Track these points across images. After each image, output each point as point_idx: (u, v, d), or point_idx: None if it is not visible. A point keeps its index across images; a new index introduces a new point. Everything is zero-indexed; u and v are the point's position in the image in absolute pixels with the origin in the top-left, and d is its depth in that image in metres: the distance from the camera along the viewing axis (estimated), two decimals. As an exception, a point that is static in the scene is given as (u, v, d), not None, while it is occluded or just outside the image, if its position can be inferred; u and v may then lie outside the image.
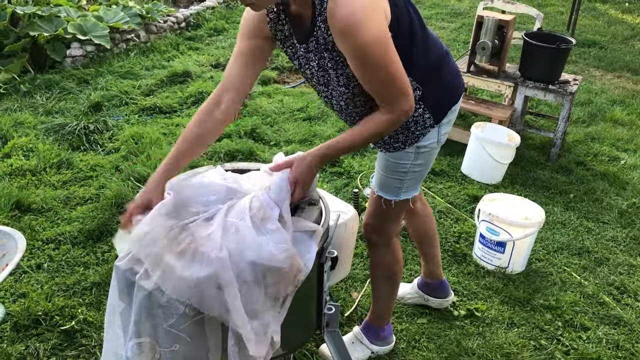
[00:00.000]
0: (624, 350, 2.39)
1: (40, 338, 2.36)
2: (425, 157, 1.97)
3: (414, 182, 2.02)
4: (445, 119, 1.94)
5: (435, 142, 1.96)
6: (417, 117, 1.86)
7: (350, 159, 3.86)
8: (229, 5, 7.78)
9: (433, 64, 1.85)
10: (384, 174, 2.02)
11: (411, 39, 1.73)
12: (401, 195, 2.02)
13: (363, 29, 1.50)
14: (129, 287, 1.54)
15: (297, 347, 1.96)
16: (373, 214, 2.11)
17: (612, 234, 3.23)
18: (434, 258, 2.52)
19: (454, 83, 1.95)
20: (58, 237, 2.97)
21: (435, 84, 1.86)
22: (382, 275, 2.22)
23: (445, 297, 2.58)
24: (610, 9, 8.61)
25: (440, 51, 1.89)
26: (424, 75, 1.81)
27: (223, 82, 1.80)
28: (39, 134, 4.00)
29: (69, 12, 5.48)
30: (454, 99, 1.95)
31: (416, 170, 1.99)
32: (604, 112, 4.86)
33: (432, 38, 1.87)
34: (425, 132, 1.91)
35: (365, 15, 1.50)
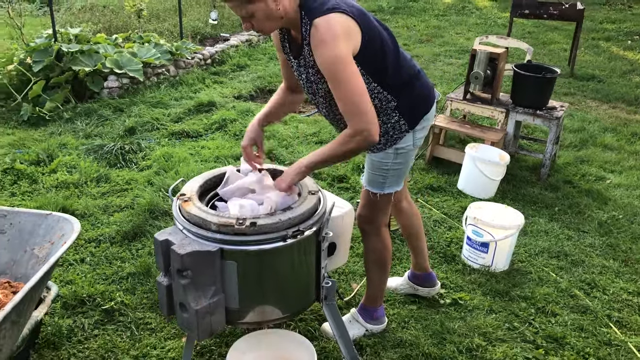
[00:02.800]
0: (586, 332, 2.73)
1: (85, 315, 2.79)
2: (403, 157, 2.38)
3: (395, 178, 2.42)
4: (419, 126, 2.35)
5: (411, 144, 2.37)
6: (394, 123, 2.30)
7: (356, 175, 4.29)
8: (251, 44, 8.38)
9: (405, 79, 2.29)
10: (370, 171, 2.44)
11: (383, 58, 2.17)
12: (385, 189, 2.43)
13: (328, 48, 1.96)
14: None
15: (296, 312, 2.35)
16: (364, 206, 2.51)
17: (590, 241, 3.58)
18: (422, 251, 2.90)
19: (424, 96, 2.37)
20: (98, 237, 3.42)
21: (408, 96, 2.29)
22: (373, 260, 2.60)
23: (433, 286, 2.94)
24: (613, 46, 9.04)
25: (413, 69, 2.33)
26: (397, 88, 2.25)
27: (285, 80, 2.53)
28: (80, 153, 4.51)
29: (107, 49, 6.07)
30: (426, 109, 2.37)
31: (396, 168, 2.39)
32: (595, 138, 5.24)
33: (405, 58, 2.32)
34: (401, 136, 2.32)
35: (332, 39, 1.96)
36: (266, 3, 1.99)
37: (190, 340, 2.24)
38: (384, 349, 2.60)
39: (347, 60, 2.00)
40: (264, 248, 2.06)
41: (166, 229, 2.15)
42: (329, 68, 2.01)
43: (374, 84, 2.21)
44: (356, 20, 2.05)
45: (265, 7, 1.99)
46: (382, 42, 2.17)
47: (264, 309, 2.19)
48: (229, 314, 2.15)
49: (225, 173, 2.42)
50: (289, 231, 2.08)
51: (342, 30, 1.99)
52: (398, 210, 2.78)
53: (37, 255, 2.35)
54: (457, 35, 9.60)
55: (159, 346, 2.59)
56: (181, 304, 2.07)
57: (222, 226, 2.04)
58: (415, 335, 2.68)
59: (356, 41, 2.05)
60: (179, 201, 2.22)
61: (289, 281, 2.20)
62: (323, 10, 2.00)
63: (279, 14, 2.03)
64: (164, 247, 2.08)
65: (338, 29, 1.98)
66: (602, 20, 11.19)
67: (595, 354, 2.58)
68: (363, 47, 2.07)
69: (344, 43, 1.99)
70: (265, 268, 2.11)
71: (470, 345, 2.63)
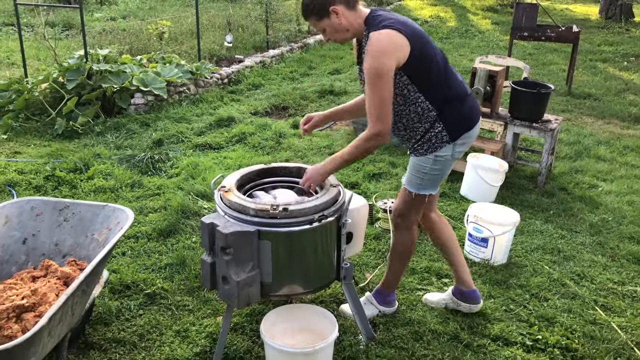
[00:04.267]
0: (574, 313, 3.08)
1: (130, 298, 3.16)
2: (441, 164, 2.68)
3: (431, 182, 2.72)
4: (460, 140, 2.66)
5: (450, 155, 2.67)
6: (437, 133, 2.63)
7: (367, 182, 4.68)
8: (264, 65, 8.84)
9: (450, 96, 2.62)
10: (410, 172, 2.77)
11: (429, 73, 2.54)
12: (421, 190, 2.74)
13: (373, 58, 2.41)
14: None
15: (319, 288, 2.70)
16: (400, 202, 2.83)
17: (581, 239, 3.93)
18: (461, 265, 3.02)
19: (468, 115, 2.69)
20: (136, 234, 3.80)
21: (452, 112, 2.63)
22: (399, 252, 2.90)
23: (476, 303, 3.03)
24: (609, 67, 9.46)
25: (460, 90, 2.67)
26: (440, 102, 2.59)
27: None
28: (113, 162, 4.92)
29: (133, 69, 6.53)
30: (468, 127, 2.68)
31: (433, 173, 2.70)
32: (589, 150, 5.61)
33: (455, 79, 2.67)
34: (442, 145, 2.64)
35: (378, 51, 2.41)
36: (330, 20, 2.53)
37: (230, 310, 2.60)
38: (395, 326, 2.95)
39: (384, 72, 2.41)
40: (294, 230, 2.44)
41: (210, 215, 2.54)
42: (369, 75, 2.44)
43: (418, 94, 2.59)
44: (406, 37, 2.44)
45: (330, 22, 2.54)
46: (430, 60, 2.54)
47: (292, 284, 2.55)
48: (263, 287, 2.51)
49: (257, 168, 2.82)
50: (315, 216, 2.46)
51: (388, 44, 2.41)
52: (429, 222, 3.01)
53: (97, 239, 2.73)
54: (460, 57, 10.05)
55: (197, 323, 2.95)
56: (224, 277, 2.44)
57: (259, 211, 2.42)
58: (422, 316, 3.03)
59: (402, 54, 2.45)
60: (220, 192, 2.60)
61: (314, 260, 2.56)
62: (379, 26, 2.45)
63: (344, 27, 2.54)
64: (210, 229, 2.46)
65: (385, 44, 2.41)
66: (600, 42, 11.65)
67: (582, 330, 2.92)
68: (412, 60, 2.46)
69: (387, 57, 2.41)
70: (294, 247, 2.48)
71: (472, 323, 2.98)
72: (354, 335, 2.87)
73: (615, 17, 14.63)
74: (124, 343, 2.80)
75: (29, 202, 2.83)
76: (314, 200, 2.51)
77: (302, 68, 8.93)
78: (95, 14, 13.26)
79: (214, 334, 2.85)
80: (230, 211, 2.48)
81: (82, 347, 2.77)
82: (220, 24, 10.97)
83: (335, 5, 2.51)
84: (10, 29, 11.26)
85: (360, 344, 2.81)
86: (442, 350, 2.76)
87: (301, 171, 2.88)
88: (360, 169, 4.99)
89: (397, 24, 2.47)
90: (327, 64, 9.41)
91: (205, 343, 2.79)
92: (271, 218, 2.42)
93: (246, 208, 2.45)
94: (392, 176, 4.86)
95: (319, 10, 2.53)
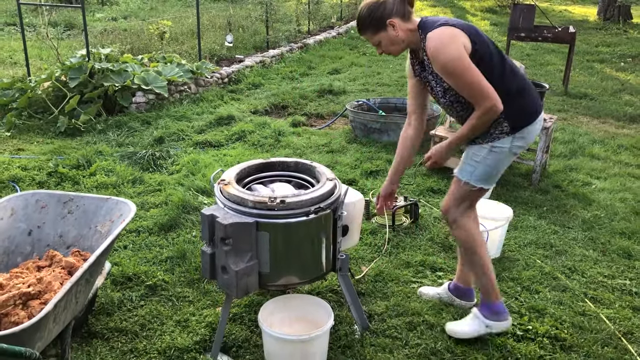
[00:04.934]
0: (564, 305, 3.16)
1: (132, 289, 3.24)
2: (495, 156, 2.62)
3: (484, 174, 2.66)
4: (519, 134, 2.60)
5: (507, 148, 2.61)
6: (498, 123, 2.58)
7: (364, 179, 4.76)
8: (264, 65, 8.93)
9: (511, 89, 2.56)
10: (464, 160, 2.74)
11: (490, 64, 2.52)
12: (472, 179, 2.67)
13: (442, 54, 2.44)
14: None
15: (315, 278, 2.77)
16: (449, 193, 2.78)
17: (573, 235, 4.01)
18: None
19: (529, 110, 2.64)
20: (138, 228, 3.89)
21: (512, 105, 2.55)
22: (465, 249, 2.80)
23: (471, 301, 3.10)
24: (606, 67, 9.55)
25: (520, 84, 2.61)
26: (502, 95, 2.49)
27: (408, 109, 2.91)
28: (115, 159, 5.01)
29: (135, 68, 6.61)
30: (529, 121, 2.62)
31: (487, 164, 2.64)
32: (584, 149, 5.70)
33: (514, 73, 2.62)
34: (500, 137, 2.60)
35: (442, 45, 2.44)
36: (387, 32, 2.58)
37: (229, 299, 2.68)
38: (390, 317, 3.03)
39: (459, 56, 2.43)
40: (291, 221, 2.52)
41: (210, 207, 2.62)
42: (446, 69, 2.46)
43: None
44: (463, 31, 2.49)
45: (387, 35, 2.59)
46: (489, 52, 2.54)
47: (289, 274, 2.64)
48: (261, 277, 2.59)
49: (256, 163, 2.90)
50: (311, 208, 2.54)
51: (449, 37, 2.45)
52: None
53: (100, 231, 2.82)
54: (458, 57, 10.11)
55: (197, 314, 3.04)
56: (223, 267, 2.53)
57: (257, 203, 2.51)
58: (417, 307, 3.11)
59: (465, 44, 2.46)
60: (220, 185, 2.68)
61: (311, 250, 2.65)
62: (434, 26, 2.50)
63: (400, 38, 2.58)
64: (210, 220, 2.54)
65: (445, 37, 2.45)
66: (598, 43, 11.75)
67: (571, 320, 3.01)
68: (474, 52, 2.47)
69: (453, 45, 2.44)
70: (291, 238, 2.56)
71: (464, 314, 3.06)
72: (350, 325, 2.95)
73: (614, 18, 14.72)
74: (126, 332, 2.88)
75: (34, 195, 2.92)
76: (310, 193, 2.59)
77: (301, 68, 9.02)
78: (96, 14, 13.36)
79: (213, 323, 2.93)
80: (230, 203, 2.57)
81: (85, 336, 2.85)
82: (221, 25, 11.06)
83: (392, 17, 2.55)
84: (13, 29, 11.36)
85: (355, 333, 2.89)
86: (435, 340, 2.84)
87: (299, 166, 2.97)
88: (358, 166, 5.07)
89: (451, 22, 2.53)
90: (327, 64, 9.50)
91: (204, 332, 2.87)
92: (269, 210, 2.50)
93: (245, 200, 2.53)
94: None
95: (376, 23, 2.57)
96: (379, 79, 8.51)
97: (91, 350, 2.74)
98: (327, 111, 6.90)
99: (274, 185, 2.82)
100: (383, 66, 9.54)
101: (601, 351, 2.77)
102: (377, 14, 2.56)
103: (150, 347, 2.78)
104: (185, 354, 2.73)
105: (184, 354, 2.72)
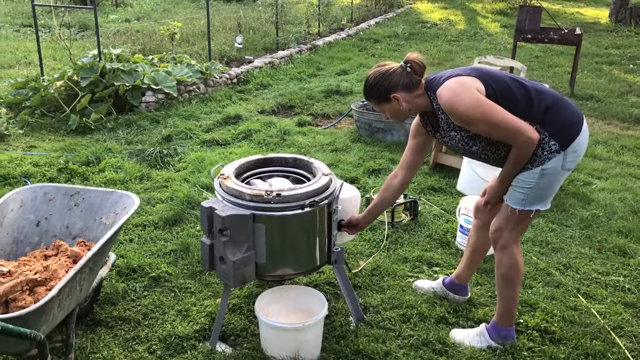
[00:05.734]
0: (556, 300, 3.22)
1: (136, 280, 3.35)
2: (548, 178, 2.50)
3: (537, 197, 2.56)
4: (570, 149, 2.47)
5: (560, 166, 2.48)
6: (543, 144, 2.46)
7: (366, 177, 4.85)
8: (273, 66, 9.05)
9: (545, 107, 2.47)
10: (513, 186, 2.59)
11: (513, 100, 2.45)
12: (525, 206, 2.57)
13: (458, 105, 2.40)
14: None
15: (311, 270, 2.86)
16: (498, 216, 2.70)
17: (571, 233, 4.07)
18: (473, 269, 3.14)
19: (571, 121, 2.49)
20: (144, 223, 4.00)
21: (554, 120, 2.46)
22: (500, 274, 2.73)
23: (465, 295, 3.17)
24: (615, 69, 9.55)
25: (551, 97, 2.51)
26: (539, 116, 2.45)
27: (400, 163, 2.92)
28: (124, 156, 5.14)
29: (145, 68, 6.75)
30: (576, 132, 2.48)
31: (540, 188, 2.53)
32: (586, 149, 5.72)
33: (537, 90, 2.52)
34: (550, 157, 2.46)
35: (456, 96, 2.40)
36: (391, 104, 2.61)
37: (227, 289, 2.78)
38: (385, 309, 3.11)
39: (477, 101, 2.38)
40: (287, 214, 2.61)
41: (209, 200, 2.72)
42: (468, 118, 2.41)
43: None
44: (471, 75, 2.45)
45: (390, 106, 2.63)
46: (506, 84, 2.47)
47: (285, 265, 2.73)
48: (257, 268, 2.69)
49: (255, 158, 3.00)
50: (307, 201, 2.64)
51: (459, 86, 2.41)
52: (484, 224, 2.93)
53: (104, 222, 2.93)
54: (467, 59, 10.18)
55: (198, 304, 3.14)
56: (221, 257, 2.63)
57: (254, 196, 2.60)
58: (411, 300, 3.19)
59: (478, 87, 2.42)
60: (219, 179, 2.79)
61: (306, 243, 2.74)
62: (440, 82, 2.48)
63: (404, 110, 2.61)
64: (209, 212, 2.64)
65: (457, 88, 2.41)
66: (608, 45, 11.73)
67: (561, 314, 3.07)
68: (489, 92, 2.42)
69: (466, 93, 2.39)
70: (287, 230, 2.66)
71: (457, 308, 3.14)
72: (345, 316, 3.04)
73: (625, 20, 14.67)
74: (129, 321, 2.99)
75: (43, 188, 3.04)
76: (305, 187, 2.69)
77: (310, 69, 9.13)
78: (110, 15, 13.57)
79: (213, 313, 3.03)
80: (228, 196, 2.67)
81: (90, 324, 2.97)
82: (231, 26, 11.21)
83: (397, 91, 2.56)
84: (29, 30, 11.59)
85: (350, 324, 2.98)
86: (427, 331, 2.92)
87: (297, 161, 3.07)
88: (361, 164, 5.16)
89: (456, 72, 2.50)
90: (335, 65, 9.59)
91: (204, 321, 2.97)
92: (265, 203, 2.60)
93: (242, 193, 2.63)
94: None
95: (381, 95, 2.60)
96: (387, 80, 8.57)
97: (95, 337, 2.85)
98: (333, 111, 7.00)
99: (272, 180, 2.92)
100: (391, 67, 9.61)
101: (589, 344, 2.84)
102: (382, 86, 2.57)
103: (152, 335, 2.89)
104: (185, 341, 2.83)
105: (183, 342, 2.83)
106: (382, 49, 11.36)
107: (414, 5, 18.79)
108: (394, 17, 15.94)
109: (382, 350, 2.76)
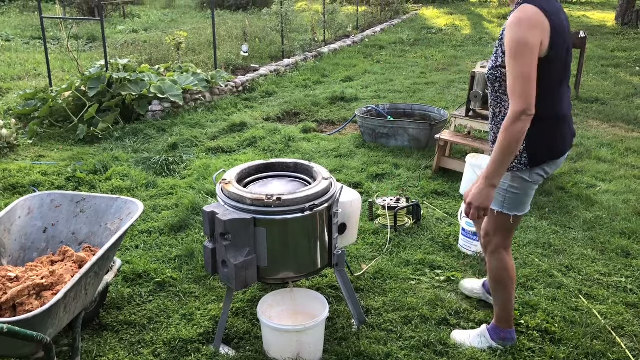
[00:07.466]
0: (558, 301, 3.24)
1: (142, 285, 3.40)
2: (519, 182, 2.54)
3: (513, 202, 2.58)
4: (539, 168, 2.49)
5: (527, 177, 2.53)
6: (518, 151, 2.44)
7: (370, 182, 4.89)
8: (279, 74, 9.12)
9: (551, 115, 2.43)
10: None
11: (547, 76, 2.33)
12: (504, 208, 2.60)
13: (514, 31, 2.30)
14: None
15: (312, 272, 2.90)
16: (486, 221, 2.73)
17: (574, 235, 4.08)
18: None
19: (557, 147, 2.50)
20: (149, 229, 4.06)
21: (541, 134, 2.43)
22: (492, 278, 2.79)
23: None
24: (621, 72, 9.54)
25: (560, 111, 2.47)
26: (538, 116, 2.32)
27: None
28: (130, 164, 5.21)
29: (151, 77, 6.84)
30: (550, 157, 2.50)
31: (513, 191, 2.56)
32: (590, 152, 5.74)
33: (562, 97, 2.47)
34: (520, 167, 2.51)
35: (520, 23, 2.30)
36: None
37: (230, 292, 2.82)
38: (386, 312, 3.14)
39: (528, 47, 2.27)
40: (287, 218, 2.66)
41: (211, 204, 2.77)
42: (508, 47, 2.32)
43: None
44: (552, 27, 2.33)
45: None
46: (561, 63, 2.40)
47: (286, 268, 2.77)
48: (259, 271, 2.73)
49: (257, 163, 3.05)
50: (306, 205, 2.68)
51: (532, 21, 2.29)
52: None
53: (110, 228, 2.99)
54: (472, 64, 10.21)
55: (202, 308, 3.18)
56: (223, 261, 2.67)
57: (255, 200, 2.65)
58: (413, 302, 3.22)
59: (543, 40, 2.30)
60: (221, 184, 2.84)
61: (307, 246, 2.78)
62: (532, 1, 2.34)
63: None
64: (211, 216, 2.69)
65: (529, 19, 2.29)
66: (614, 48, 11.72)
67: (562, 314, 3.08)
68: (546, 54, 2.32)
69: (529, 33, 2.28)
70: (287, 234, 2.70)
71: (459, 309, 3.16)
72: (347, 319, 3.07)
73: (632, 23, 14.65)
74: (135, 325, 3.04)
75: (49, 195, 3.10)
76: (305, 191, 2.73)
77: (315, 76, 9.19)
78: (118, 26, 13.73)
79: (217, 317, 3.07)
80: (229, 201, 2.72)
81: (96, 328, 3.02)
82: (237, 35, 11.32)
83: None
84: (38, 42, 11.75)
85: (352, 326, 3.01)
86: (428, 333, 2.95)
87: (298, 166, 3.11)
88: (365, 170, 5.20)
89: (549, 7, 2.37)
90: (340, 72, 9.66)
91: (208, 325, 3.02)
92: (266, 207, 2.65)
93: (243, 198, 2.68)
94: (394, 177, 5.06)
95: None
96: (391, 86, 8.63)
97: (101, 341, 2.91)
98: (338, 118, 7.05)
99: (272, 184, 2.97)
100: (396, 73, 9.67)
101: (590, 344, 2.85)
102: None
103: (157, 339, 2.93)
104: (189, 344, 2.88)
105: (187, 345, 2.87)
106: (387, 55, 11.42)
107: (420, 11, 18.86)
108: (399, 24, 16.01)
109: (384, 352, 2.79)
